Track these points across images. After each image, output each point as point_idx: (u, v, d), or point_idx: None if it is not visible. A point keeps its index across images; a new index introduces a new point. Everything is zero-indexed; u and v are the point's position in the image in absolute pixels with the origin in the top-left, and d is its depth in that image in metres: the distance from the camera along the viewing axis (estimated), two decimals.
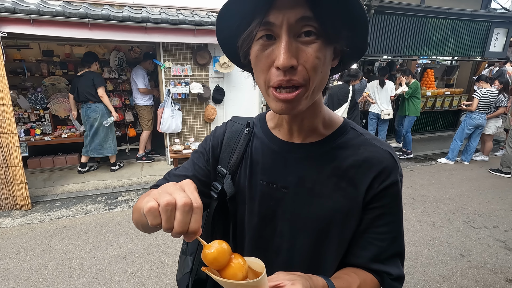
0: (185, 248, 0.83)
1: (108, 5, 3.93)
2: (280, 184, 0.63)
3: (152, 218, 0.41)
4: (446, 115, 7.28)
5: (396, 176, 0.61)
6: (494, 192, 4.14)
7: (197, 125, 4.90)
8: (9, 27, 3.19)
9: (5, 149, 3.25)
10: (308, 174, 0.62)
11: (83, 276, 2.42)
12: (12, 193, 3.41)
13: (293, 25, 0.47)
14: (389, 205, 0.61)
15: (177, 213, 0.40)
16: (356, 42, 0.52)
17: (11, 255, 2.65)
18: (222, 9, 0.49)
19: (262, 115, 0.73)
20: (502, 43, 5.85)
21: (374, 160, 0.60)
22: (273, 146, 0.65)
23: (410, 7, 4.83)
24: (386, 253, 0.63)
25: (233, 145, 0.70)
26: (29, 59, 5.27)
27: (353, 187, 0.60)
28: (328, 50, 0.51)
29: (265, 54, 0.50)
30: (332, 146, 0.62)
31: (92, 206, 3.61)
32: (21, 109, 4.68)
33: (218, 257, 0.44)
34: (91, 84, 4.11)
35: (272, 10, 0.47)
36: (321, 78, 0.52)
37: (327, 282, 0.53)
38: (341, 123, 0.66)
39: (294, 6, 0.46)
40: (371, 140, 0.63)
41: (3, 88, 3.08)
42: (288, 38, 0.47)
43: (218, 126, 0.77)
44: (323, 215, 0.61)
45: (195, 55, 4.50)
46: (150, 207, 0.40)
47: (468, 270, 2.58)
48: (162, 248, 2.79)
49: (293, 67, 0.48)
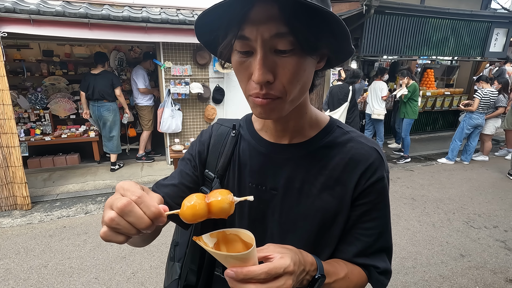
0: (173, 255, 0.82)
1: (108, 5, 3.93)
2: (269, 186, 0.63)
3: (108, 236, 0.40)
4: (446, 115, 7.28)
5: (382, 172, 0.61)
6: (494, 192, 4.14)
7: (197, 125, 4.90)
8: (9, 27, 3.19)
9: (5, 149, 3.25)
10: (296, 174, 0.62)
11: (83, 276, 2.42)
12: (12, 193, 3.41)
13: (268, 40, 0.46)
14: (375, 201, 0.62)
15: (126, 219, 0.40)
16: (340, 47, 0.52)
17: (11, 255, 2.65)
18: (197, 20, 0.49)
19: (248, 116, 0.72)
20: (502, 43, 5.85)
21: (360, 157, 0.61)
22: (260, 148, 0.65)
23: (410, 7, 4.83)
24: (372, 248, 0.63)
25: (220, 148, 0.69)
26: (29, 59, 5.28)
27: (341, 186, 0.61)
28: (307, 60, 0.50)
29: (243, 67, 0.50)
30: (319, 145, 0.63)
31: (92, 206, 3.61)
32: (21, 109, 4.69)
33: (194, 211, 0.44)
34: (110, 83, 4.26)
35: (247, 24, 0.46)
36: (301, 87, 0.52)
37: (315, 260, 0.54)
38: (327, 122, 0.66)
39: (268, 21, 0.45)
40: (357, 138, 0.64)
41: (3, 88, 3.08)
42: (263, 53, 0.47)
43: (203, 130, 0.76)
44: (312, 214, 0.61)
45: (195, 55, 4.50)
46: (102, 236, 0.40)
47: (468, 270, 2.58)
48: (162, 248, 2.79)
49: (269, 81, 0.48)
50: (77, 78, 5.56)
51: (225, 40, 0.50)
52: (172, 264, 0.80)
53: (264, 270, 0.43)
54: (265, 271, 0.43)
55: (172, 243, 0.84)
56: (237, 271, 0.42)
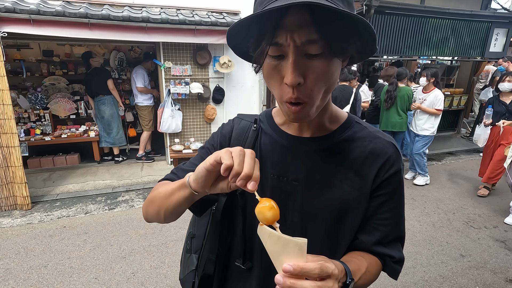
0: (189, 247, 0.83)
1: (108, 5, 3.92)
2: (290, 177, 0.66)
3: (227, 158, 0.49)
4: (446, 115, 7.26)
5: (399, 165, 0.66)
6: (494, 192, 4.13)
7: (197, 125, 4.90)
8: (9, 27, 3.19)
9: (5, 149, 3.25)
10: (318, 166, 0.65)
11: (83, 276, 2.42)
12: (12, 193, 3.41)
13: (300, 46, 0.49)
14: (393, 192, 0.66)
15: (246, 158, 0.49)
16: (364, 47, 0.56)
17: (11, 255, 2.65)
18: (230, 29, 0.51)
19: (268, 112, 0.75)
20: (502, 43, 5.84)
21: (379, 151, 0.65)
22: (282, 141, 0.68)
23: (410, 7, 4.83)
24: (389, 237, 0.67)
25: (242, 142, 0.72)
26: (29, 59, 5.28)
27: (360, 177, 0.64)
28: (335, 61, 0.53)
29: (276, 70, 0.53)
30: (339, 139, 0.66)
31: (92, 206, 3.61)
32: (21, 109, 4.68)
33: (271, 211, 0.49)
34: (100, 78, 4.41)
35: (280, 31, 0.49)
36: (327, 88, 0.55)
37: (344, 267, 0.55)
38: (346, 117, 0.70)
39: (301, 28, 0.48)
40: (375, 133, 0.68)
41: (3, 88, 3.08)
42: (295, 57, 0.50)
43: (224, 124, 0.78)
44: (333, 205, 0.64)
45: (195, 55, 4.50)
46: (226, 151, 0.50)
47: (468, 270, 2.58)
48: (162, 248, 2.79)
49: (299, 84, 0.51)
50: (77, 78, 5.57)
51: (257, 45, 0.52)
52: (188, 256, 0.82)
53: (318, 267, 0.45)
54: (318, 267, 0.45)
55: (188, 236, 0.86)
56: (295, 265, 0.44)
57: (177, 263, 2.59)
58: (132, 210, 3.52)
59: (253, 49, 0.54)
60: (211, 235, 0.76)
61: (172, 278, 2.42)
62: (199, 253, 0.80)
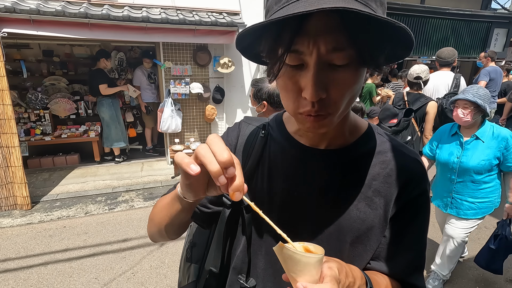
0: (189, 256, 0.78)
1: (108, 5, 3.93)
2: (302, 192, 0.59)
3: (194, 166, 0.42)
4: None
5: (425, 185, 0.58)
6: None
7: (197, 125, 4.90)
8: (9, 27, 3.20)
9: (5, 149, 3.26)
10: (332, 182, 0.58)
11: (83, 276, 2.42)
12: (12, 193, 3.41)
13: (324, 54, 0.42)
14: (416, 215, 0.59)
15: (212, 148, 0.42)
16: (394, 54, 0.47)
17: (11, 255, 2.65)
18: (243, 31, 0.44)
19: (278, 117, 0.67)
20: (502, 43, 5.85)
21: (402, 169, 0.58)
22: (294, 152, 0.61)
23: (410, 7, 4.84)
24: (410, 266, 0.61)
25: (249, 150, 0.64)
26: (29, 59, 5.27)
27: (380, 197, 0.57)
28: (361, 71, 0.46)
29: (292, 81, 0.46)
30: (358, 153, 0.59)
31: (92, 206, 3.61)
32: (21, 109, 4.69)
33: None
34: (94, 81, 4.38)
35: (301, 36, 0.41)
36: (351, 98, 0.48)
37: (363, 274, 0.53)
38: (366, 128, 0.62)
39: (327, 33, 0.40)
40: (399, 147, 0.60)
41: (3, 88, 3.08)
42: (317, 68, 0.42)
43: (230, 128, 0.71)
44: (347, 225, 0.57)
45: (195, 55, 4.50)
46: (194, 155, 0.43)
47: (468, 270, 2.57)
48: (162, 248, 2.79)
49: (321, 98, 0.45)
50: (77, 78, 5.56)
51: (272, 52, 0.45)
52: (188, 266, 0.77)
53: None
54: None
55: (189, 244, 0.80)
56: (308, 285, 0.42)
57: (177, 263, 2.58)
58: (132, 210, 3.52)
59: (267, 55, 0.47)
60: (214, 248, 0.70)
61: (172, 278, 2.42)
62: (200, 264, 0.75)
